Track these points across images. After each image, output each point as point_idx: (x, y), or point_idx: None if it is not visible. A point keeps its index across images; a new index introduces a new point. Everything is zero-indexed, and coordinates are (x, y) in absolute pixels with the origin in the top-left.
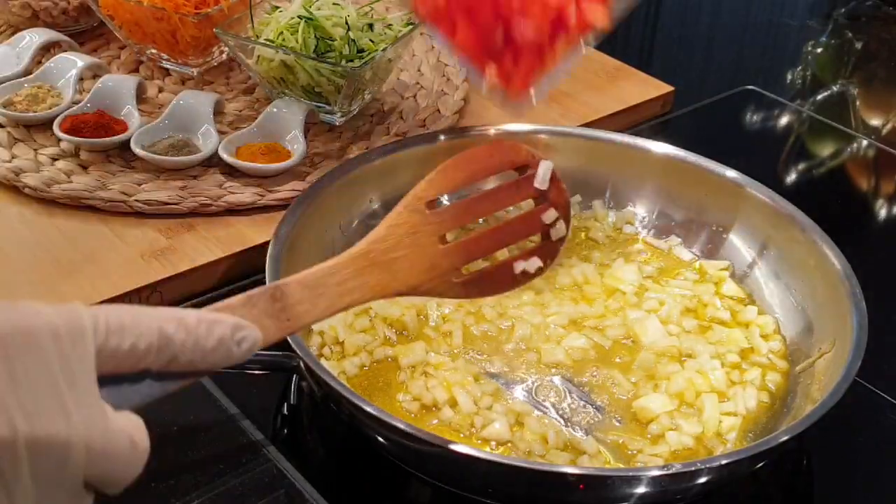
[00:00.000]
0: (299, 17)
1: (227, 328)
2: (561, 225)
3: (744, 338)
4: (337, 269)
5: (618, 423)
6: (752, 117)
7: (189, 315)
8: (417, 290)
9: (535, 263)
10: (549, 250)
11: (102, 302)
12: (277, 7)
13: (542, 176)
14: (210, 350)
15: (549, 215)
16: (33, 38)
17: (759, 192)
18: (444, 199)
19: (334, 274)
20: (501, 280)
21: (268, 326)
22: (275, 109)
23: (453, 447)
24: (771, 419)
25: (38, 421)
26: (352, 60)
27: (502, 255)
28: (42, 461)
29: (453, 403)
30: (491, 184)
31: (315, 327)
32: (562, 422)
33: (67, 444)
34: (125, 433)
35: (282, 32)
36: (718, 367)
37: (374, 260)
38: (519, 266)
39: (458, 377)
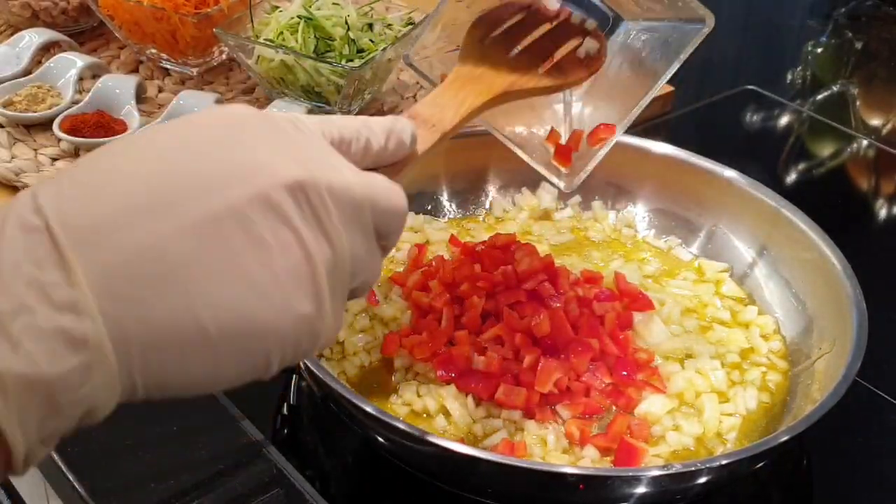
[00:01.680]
0: (299, 17)
1: (387, 121)
2: (591, 21)
3: (744, 338)
4: (443, 91)
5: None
6: (752, 117)
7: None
8: (514, 86)
9: (589, 43)
10: (596, 37)
11: None
12: (277, 7)
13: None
14: (385, 138)
15: (576, 17)
16: (33, 38)
17: (759, 192)
18: None
19: (443, 94)
20: (574, 68)
21: (422, 134)
22: (275, 109)
23: (453, 447)
24: (771, 419)
25: (326, 173)
26: (352, 60)
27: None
28: (343, 206)
29: (446, 412)
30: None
31: None
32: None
33: (353, 191)
34: (383, 182)
35: (282, 32)
36: (719, 367)
37: (467, 78)
38: (581, 51)
39: (451, 390)
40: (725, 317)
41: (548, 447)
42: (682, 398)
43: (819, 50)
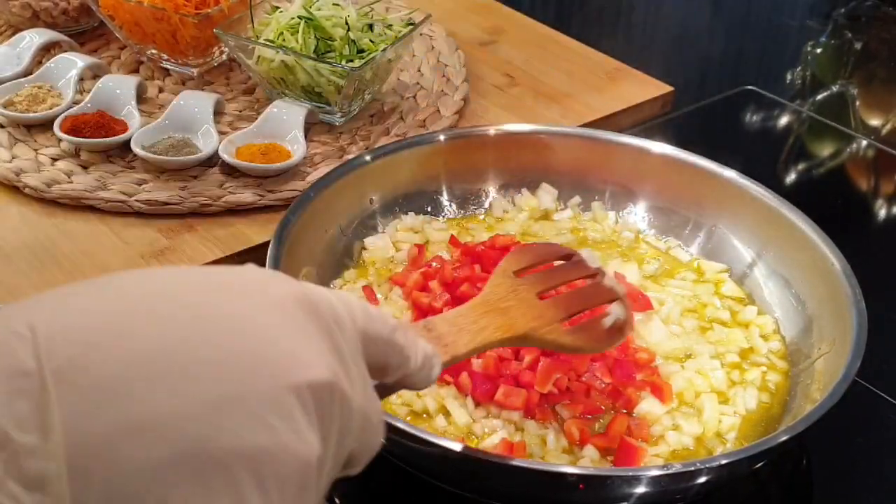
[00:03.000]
0: (299, 17)
1: (429, 349)
2: (619, 286)
3: (743, 338)
4: (466, 312)
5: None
6: (752, 117)
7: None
8: (535, 332)
9: (618, 310)
10: (625, 304)
11: None
12: (277, 7)
13: (588, 258)
14: (419, 367)
15: (609, 280)
16: (34, 38)
17: (758, 192)
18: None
19: (465, 315)
20: (597, 335)
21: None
22: (275, 110)
23: (453, 447)
24: (771, 419)
25: (340, 379)
26: (352, 61)
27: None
28: (343, 415)
29: (446, 412)
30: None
31: None
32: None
33: (352, 407)
34: (378, 414)
35: (282, 33)
36: (718, 367)
37: (492, 307)
38: (608, 321)
39: (450, 390)
40: (725, 317)
41: (548, 447)
42: (682, 398)
43: (819, 50)
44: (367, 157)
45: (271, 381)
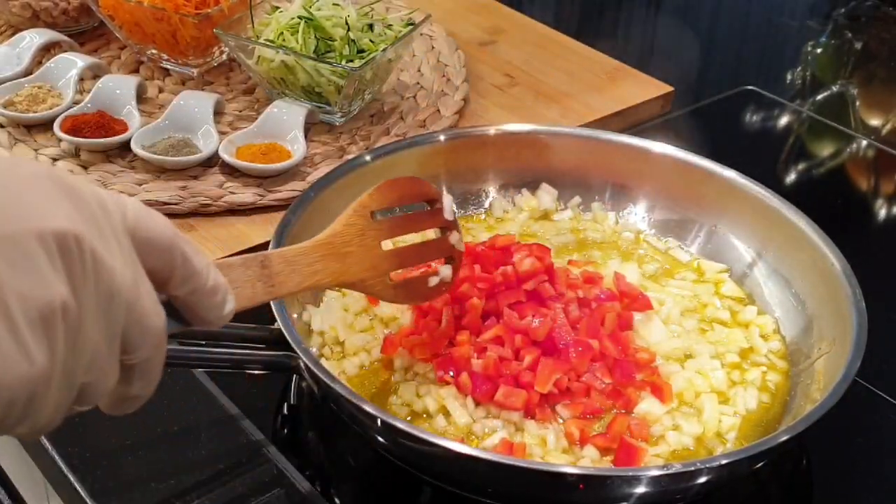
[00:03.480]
0: (299, 17)
1: (222, 280)
2: (461, 243)
3: (743, 338)
4: (306, 252)
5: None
6: (752, 117)
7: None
8: (362, 283)
9: (445, 272)
10: (455, 267)
11: None
12: (277, 7)
13: (447, 208)
14: (209, 288)
15: (454, 237)
16: (34, 38)
17: (758, 192)
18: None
19: (305, 255)
20: (419, 291)
21: (258, 289)
22: (275, 110)
23: (453, 447)
24: (771, 419)
25: (88, 236)
26: (352, 61)
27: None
28: (98, 273)
29: (446, 412)
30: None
31: (315, 327)
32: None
33: (113, 273)
34: (150, 298)
35: (282, 33)
36: (718, 367)
37: (333, 250)
38: (433, 280)
39: (450, 390)
40: (725, 317)
41: (548, 447)
42: (682, 398)
43: (819, 50)
44: (367, 157)
45: (13, 228)
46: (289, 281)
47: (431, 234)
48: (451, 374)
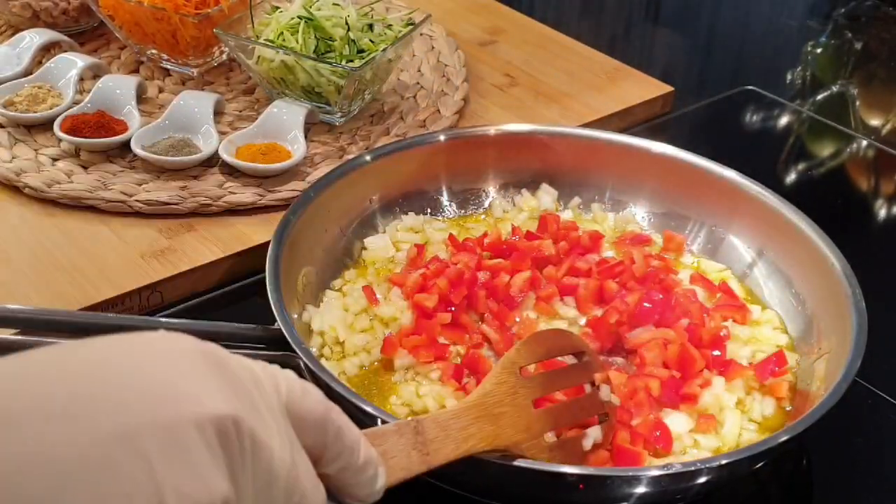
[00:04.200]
0: (299, 17)
1: (373, 453)
2: (614, 396)
3: (751, 334)
4: (459, 415)
5: None
6: (752, 117)
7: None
8: (517, 446)
9: (595, 434)
10: (609, 425)
11: (102, 302)
12: (277, 7)
13: (592, 360)
14: (360, 464)
15: (605, 392)
16: (34, 38)
17: (758, 192)
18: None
19: (458, 419)
20: (575, 452)
21: (413, 458)
22: (275, 110)
23: None
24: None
25: (247, 417)
26: (352, 61)
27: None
28: (258, 457)
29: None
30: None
31: (315, 327)
32: None
33: (272, 455)
34: (311, 479)
35: (282, 33)
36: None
37: (485, 412)
38: (587, 443)
39: (449, 389)
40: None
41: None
42: (704, 412)
43: (819, 50)
44: (367, 157)
45: (168, 415)
46: (444, 448)
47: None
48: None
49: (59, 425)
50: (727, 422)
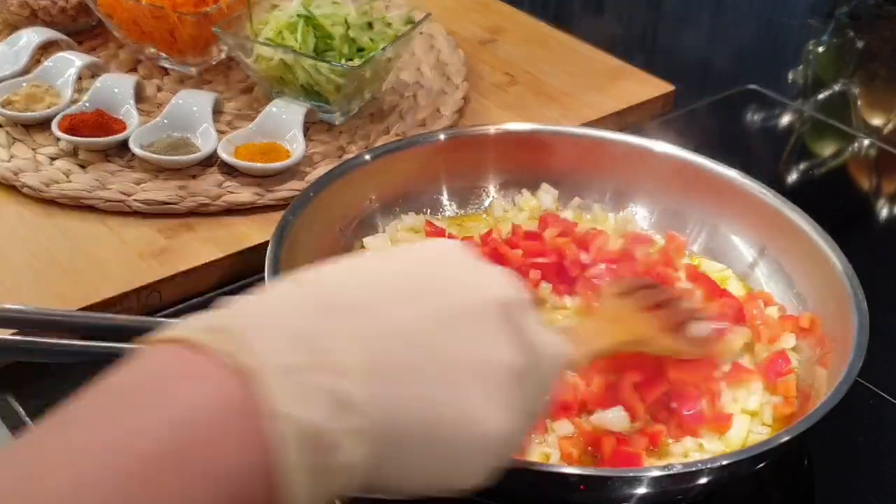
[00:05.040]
0: (298, 15)
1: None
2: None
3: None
4: (588, 324)
5: None
6: (753, 117)
7: None
8: (653, 338)
9: (705, 326)
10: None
11: (100, 302)
12: (276, 6)
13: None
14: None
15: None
16: (32, 37)
17: (760, 191)
18: None
19: (590, 325)
20: (699, 341)
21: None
22: (274, 109)
23: None
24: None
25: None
26: (351, 59)
27: None
28: (536, 338)
29: None
30: None
31: None
32: None
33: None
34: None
35: (281, 31)
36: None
37: (610, 318)
38: (701, 330)
39: None
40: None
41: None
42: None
43: (820, 49)
44: (367, 157)
45: (479, 299)
46: (595, 340)
47: None
48: None
49: (405, 307)
50: (735, 425)
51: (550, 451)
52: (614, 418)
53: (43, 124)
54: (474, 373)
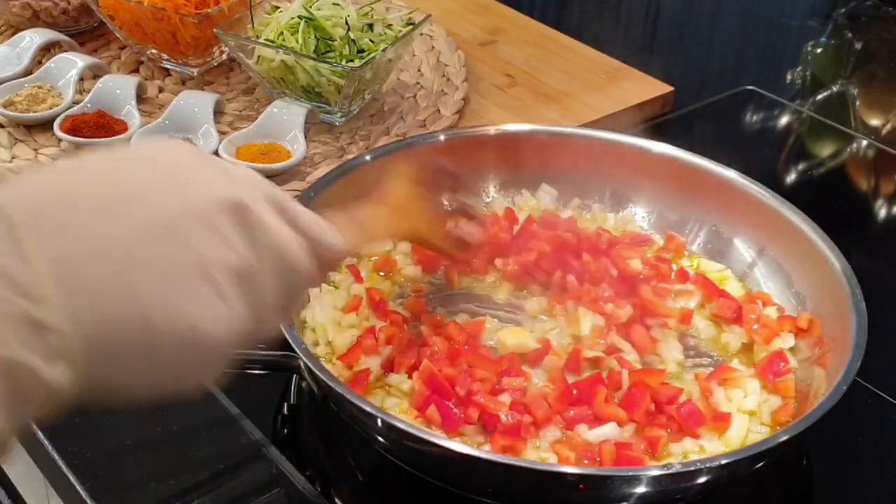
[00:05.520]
0: (299, 17)
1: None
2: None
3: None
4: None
5: None
6: (752, 117)
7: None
8: (426, 234)
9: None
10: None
11: None
12: (277, 7)
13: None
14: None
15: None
16: (34, 38)
17: (758, 192)
18: None
19: (379, 215)
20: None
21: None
22: (275, 109)
23: (453, 447)
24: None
25: (258, 204)
26: (352, 60)
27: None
28: (267, 238)
29: None
30: None
31: (310, 324)
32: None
33: (281, 237)
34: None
35: (282, 33)
36: (752, 376)
37: (400, 210)
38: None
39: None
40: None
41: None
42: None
43: (819, 50)
44: (367, 157)
45: (195, 199)
46: (374, 228)
47: None
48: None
49: (110, 219)
50: (734, 425)
51: (546, 455)
52: (610, 433)
53: (45, 125)
54: (186, 275)
